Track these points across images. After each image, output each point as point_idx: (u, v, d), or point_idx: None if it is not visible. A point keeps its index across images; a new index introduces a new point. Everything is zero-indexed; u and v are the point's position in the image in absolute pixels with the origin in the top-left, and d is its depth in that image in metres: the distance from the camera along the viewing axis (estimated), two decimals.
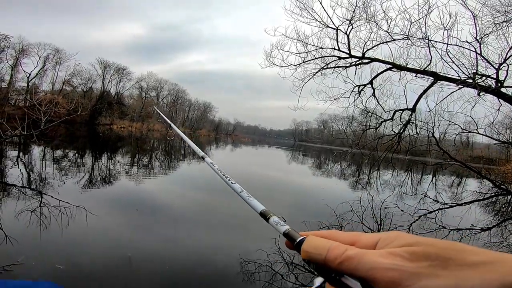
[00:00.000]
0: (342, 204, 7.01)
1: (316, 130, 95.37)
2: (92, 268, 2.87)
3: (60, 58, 42.54)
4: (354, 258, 0.29)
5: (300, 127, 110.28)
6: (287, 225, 0.38)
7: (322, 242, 0.32)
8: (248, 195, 0.48)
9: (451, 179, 18.21)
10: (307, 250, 0.32)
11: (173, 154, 18.53)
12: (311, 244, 0.33)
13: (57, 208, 4.44)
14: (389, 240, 0.30)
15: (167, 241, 3.89)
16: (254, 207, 0.45)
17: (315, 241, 0.33)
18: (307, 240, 0.33)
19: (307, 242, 0.33)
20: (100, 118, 45.62)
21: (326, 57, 7.97)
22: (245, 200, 0.48)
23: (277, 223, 0.39)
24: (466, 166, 8.64)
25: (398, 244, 0.29)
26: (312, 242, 0.33)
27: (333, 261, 0.30)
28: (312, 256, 0.32)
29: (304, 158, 29.24)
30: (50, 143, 14.29)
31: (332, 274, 0.30)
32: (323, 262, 0.31)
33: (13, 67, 36.54)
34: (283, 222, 0.39)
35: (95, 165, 10.10)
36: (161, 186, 8.02)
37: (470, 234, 5.74)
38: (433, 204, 8.64)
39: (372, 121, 9.65)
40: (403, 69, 7.45)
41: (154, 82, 58.93)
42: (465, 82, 6.30)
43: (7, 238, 3.17)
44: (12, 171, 6.95)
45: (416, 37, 6.87)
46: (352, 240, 0.32)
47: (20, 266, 2.65)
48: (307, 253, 0.32)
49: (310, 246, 0.33)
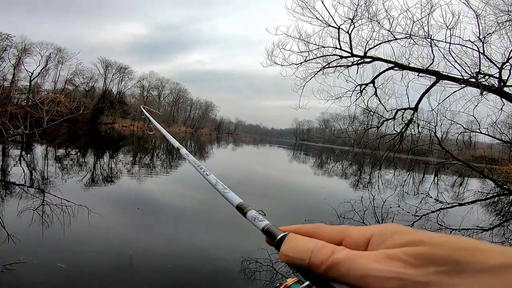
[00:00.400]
0: (344, 203, 7.00)
1: (317, 129, 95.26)
2: (94, 267, 2.88)
3: (62, 58, 42.72)
4: (343, 263, 0.23)
5: (302, 126, 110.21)
6: (266, 220, 0.33)
7: (304, 243, 0.27)
8: (223, 187, 0.43)
9: (453, 179, 18.14)
10: (287, 253, 0.27)
11: (174, 153, 18.56)
12: (291, 246, 0.27)
13: (59, 206, 4.46)
14: (384, 236, 0.24)
15: (168, 240, 3.90)
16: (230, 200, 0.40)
17: (295, 241, 0.27)
18: (287, 241, 0.28)
19: (287, 244, 0.27)
20: (102, 117, 45.74)
21: (327, 56, 7.95)
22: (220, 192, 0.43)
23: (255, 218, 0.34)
24: (469, 166, 8.60)
25: (397, 242, 0.23)
26: (292, 243, 0.27)
27: (318, 266, 0.24)
28: (293, 261, 0.26)
29: (305, 157, 29.21)
30: (53, 142, 14.35)
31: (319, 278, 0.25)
32: (307, 267, 0.25)
33: (15, 66, 36.72)
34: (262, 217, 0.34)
35: (97, 164, 10.14)
36: (162, 185, 8.04)
37: (472, 234, 5.72)
38: (435, 204, 8.61)
39: (374, 120, 9.62)
40: (405, 68, 7.42)
41: (156, 81, 59.05)
42: (467, 82, 6.26)
43: (9, 236, 3.18)
44: (14, 169, 6.99)
45: (418, 36, 6.84)
46: (340, 236, 0.27)
47: (22, 265, 2.66)
48: (288, 257, 0.27)
49: (291, 248, 0.27)
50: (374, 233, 0.25)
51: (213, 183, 0.46)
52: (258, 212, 0.34)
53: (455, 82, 6.69)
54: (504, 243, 5.48)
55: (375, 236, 0.25)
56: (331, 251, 0.25)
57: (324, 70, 8.00)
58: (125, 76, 51.29)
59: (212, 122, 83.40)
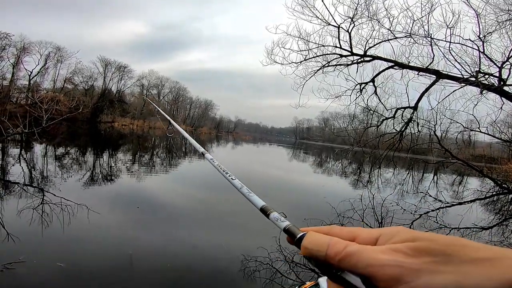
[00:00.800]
0: (343, 202, 7.01)
1: (317, 128, 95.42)
2: (93, 266, 2.88)
3: (62, 56, 42.57)
4: (354, 255, 0.28)
5: (302, 125, 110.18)
6: (287, 221, 0.37)
7: (322, 238, 0.32)
8: (248, 191, 0.49)
9: (452, 178, 18.17)
10: (307, 246, 0.32)
11: (174, 152, 18.55)
12: (311, 241, 0.32)
13: (59, 205, 4.46)
14: (390, 235, 0.30)
15: (168, 239, 3.91)
16: (255, 203, 0.46)
17: (315, 237, 0.32)
18: (307, 236, 0.33)
19: (307, 239, 0.33)
20: (101, 116, 45.67)
21: (327, 55, 7.93)
22: (245, 196, 0.48)
23: (278, 219, 0.39)
24: (468, 165, 8.61)
25: (400, 239, 0.28)
26: (312, 238, 0.32)
27: (333, 257, 0.29)
28: (312, 252, 0.31)
29: (305, 156, 29.23)
30: (52, 140, 14.33)
31: (333, 270, 0.30)
32: (324, 259, 0.30)
33: (14, 65, 36.58)
34: (284, 218, 0.38)
35: (97, 162, 10.13)
36: (162, 184, 8.04)
37: (471, 233, 5.73)
38: (434, 202, 8.63)
39: (374, 119, 9.62)
40: (405, 67, 7.41)
41: (155, 80, 58.91)
42: (467, 80, 6.26)
43: (9, 236, 3.18)
44: (14, 168, 6.98)
45: (418, 35, 6.83)
46: (352, 236, 0.32)
47: (21, 264, 2.66)
48: (307, 250, 0.32)
49: (310, 242, 0.32)
50: (382, 233, 0.31)
51: (238, 187, 0.52)
52: (280, 214, 0.40)
53: (455, 81, 6.68)
54: (503, 242, 5.50)
55: (382, 235, 0.30)
56: (345, 245, 0.30)
57: (324, 69, 7.99)
58: (124, 75, 51.17)
59: (211, 120, 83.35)
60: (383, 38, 7.30)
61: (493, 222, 7.11)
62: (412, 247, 0.27)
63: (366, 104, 8.43)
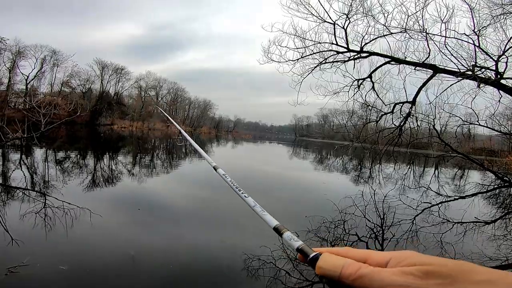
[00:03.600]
0: (345, 198, 7.01)
1: (317, 125, 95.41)
2: (95, 269, 2.88)
3: (58, 60, 42.56)
4: (367, 276, 0.31)
5: (301, 122, 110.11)
6: (300, 241, 0.41)
7: (337, 260, 0.35)
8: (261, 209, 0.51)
9: (453, 172, 18.18)
10: (322, 266, 0.35)
11: (174, 153, 18.55)
12: (326, 261, 0.35)
13: (61, 209, 4.46)
14: (401, 258, 0.32)
15: (170, 240, 3.90)
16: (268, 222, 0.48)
17: (330, 258, 0.35)
18: (323, 257, 0.36)
19: (323, 259, 0.36)
20: (100, 119, 45.62)
21: (324, 52, 7.93)
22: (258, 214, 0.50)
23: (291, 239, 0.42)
24: (468, 158, 8.62)
25: (411, 263, 0.31)
26: (327, 259, 0.35)
27: (347, 278, 0.32)
28: (327, 272, 0.34)
29: (305, 153, 29.24)
30: (52, 144, 14.32)
31: None
32: (338, 279, 0.33)
33: (10, 70, 36.54)
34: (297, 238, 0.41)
35: (97, 165, 10.13)
36: (163, 185, 8.04)
37: (474, 227, 5.74)
38: (436, 197, 8.64)
39: (373, 115, 9.63)
40: (402, 62, 7.41)
41: (153, 81, 58.86)
42: (464, 74, 6.27)
43: (13, 240, 3.19)
44: (15, 173, 6.98)
45: (413, 30, 6.85)
46: (364, 258, 0.35)
47: (25, 268, 2.66)
48: (322, 269, 0.35)
49: (326, 263, 0.35)
50: (392, 257, 0.33)
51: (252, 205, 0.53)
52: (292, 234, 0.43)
53: (452, 75, 6.70)
54: (507, 236, 5.51)
55: (393, 258, 0.33)
56: (358, 267, 0.33)
57: (321, 66, 7.99)
58: (122, 77, 51.13)
59: (211, 120, 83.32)
60: (379, 34, 7.32)
61: (496, 216, 7.12)
62: (423, 270, 0.29)
63: (364, 100, 8.45)
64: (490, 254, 4.22)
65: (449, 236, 4.92)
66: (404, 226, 5.34)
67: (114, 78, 50.28)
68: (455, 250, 4.19)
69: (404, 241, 4.54)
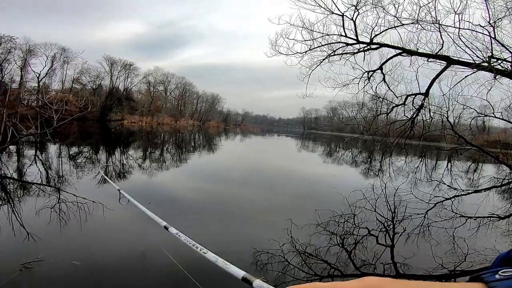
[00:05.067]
0: (355, 192, 6.95)
1: (325, 117, 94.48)
2: (107, 264, 2.94)
3: (67, 57, 43.21)
4: None
5: (309, 115, 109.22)
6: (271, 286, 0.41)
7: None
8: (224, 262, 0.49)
9: (467, 165, 17.74)
10: None
11: (183, 147, 18.73)
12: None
13: (75, 203, 4.58)
14: None
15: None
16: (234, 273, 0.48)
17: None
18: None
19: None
20: (111, 114, 46.34)
21: (332, 44, 7.75)
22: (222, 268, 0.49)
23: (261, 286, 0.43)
24: (483, 151, 8.38)
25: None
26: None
27: None
28: None
29: (314, 146, 29.05)
30: (65, 140, 14.67)
31: None
32: None
33: (22, 68, 37.34)
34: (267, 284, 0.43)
35: (109, 160, 10.33)
36: (172, 179, 8.15)
37: (488, 222, 5.60)
38: (449, 191, 8.47)
39: (383, 107, 9.43)
40: (414, 54, 7.21)
41: (161, 77, 59.23)
42: (480, 66, 6.08)
43: (28, 235, 3.29)
44: (31, 169, 7.19)
45: (426, 22, 6.63)
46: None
47: (39, 263, 2.74)
48: None
49: None
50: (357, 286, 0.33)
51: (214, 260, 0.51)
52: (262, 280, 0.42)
53: (466, 67, 6.49)
54: None
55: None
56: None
57: (329, 58, 7.83)
58: (130, 72, 51.61)
59: (219, 114, 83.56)
60: (389, 25, 7.10)
61: (511, 211, 6.93)
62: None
63: (375, 91, 8.26)
64: (504, 249, 4.10)
65: (462, 231, 4.82)
66: (415, 220, 5.26)
67: (123, 74, 50.84)
68: (468, 246, 4.11)
69: (415, 235, 4.47)
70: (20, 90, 33.94)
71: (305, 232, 4.18)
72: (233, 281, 0.91)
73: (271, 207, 5.79)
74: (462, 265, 3.56)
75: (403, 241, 4.27)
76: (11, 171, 6.82)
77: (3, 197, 4.94)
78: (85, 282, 2.59)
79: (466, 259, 3.70)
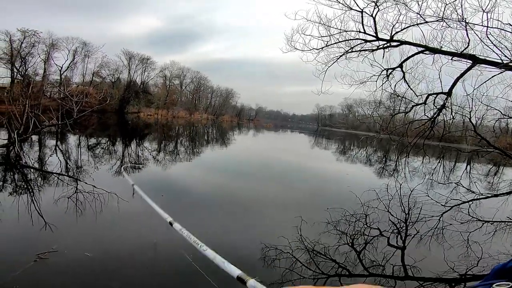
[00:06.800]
0: (368, 191, 6.84)
1: (340, 115, 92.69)
2: (118, 255, 3.02)
3: (88, 51, 44.45)
4: None
5: (324, 112, 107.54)
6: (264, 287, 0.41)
7: None
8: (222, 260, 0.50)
9: (487, 168, 16.98)
10: None
11: (197, 140, 18.98)
12: None
13: (91, 194, 4.75)
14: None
15: (189, 227, 4.03)
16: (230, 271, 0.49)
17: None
18: None
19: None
20: (128, 107, 47.56)
21: (350, 41, 7.55)
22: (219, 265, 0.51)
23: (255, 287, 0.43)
24: (506, 154, 8.00)
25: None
26: None
27: None
28: None
29: (328, 143, 28.67)
30: (84, 131, 15.20)
31: None
32: None
33: (45, 61, 38.81)
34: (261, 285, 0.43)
35: (125, 152, 10.63)
36: (186, 172, 8.29)
37: (505, 227, 5.38)
38: (466, 194, 8.17)
39: (401, 106, 9.15)
40: (437, 52, 6.91)
41: (177, 71, 59.99)
42: (508, 66, 5.78)
43: (46, 224, 3.43)
44: (51, 159, 7.51)
45: (451, 19, 6.33)
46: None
47: (54, 254, 2.81)
48: None
49: None
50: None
51: (212, 257, 0.52)
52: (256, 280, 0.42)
53: (493, 66, 6.18)
54: None
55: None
56: None
57: (347, 55, 7.64)
58: (147, 66, 52.65)
59: (233, 108, 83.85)
60: (412, 22, 6.82)
61: None
62: None
63: (394, 90, 8.01)
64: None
65: (477, 235, 4.65)
66: (429, 223, 5.12)
67: (140, 68, 51.96)
68: (482, 250, 3.97)
69: (428, 238, 4.36)
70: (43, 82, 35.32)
71: (315, 230, 4.16)
72: None
73: (282, 204, 5.79)
74: (474, 269, 3.45)
75: (415, 243, 4.17)
76: (32, 161, 7.15)
77: (24, 186, 5.18)
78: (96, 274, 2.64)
79: (479, 264, 3.59)
